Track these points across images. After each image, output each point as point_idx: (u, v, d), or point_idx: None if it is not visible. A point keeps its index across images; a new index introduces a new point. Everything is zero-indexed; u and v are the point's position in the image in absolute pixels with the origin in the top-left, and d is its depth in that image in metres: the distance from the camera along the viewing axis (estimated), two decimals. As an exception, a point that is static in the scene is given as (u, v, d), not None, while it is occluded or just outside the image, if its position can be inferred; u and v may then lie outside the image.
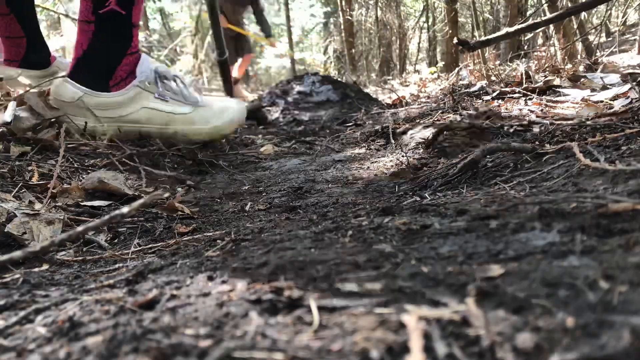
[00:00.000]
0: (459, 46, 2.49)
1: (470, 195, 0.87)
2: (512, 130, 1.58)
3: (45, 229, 0.99)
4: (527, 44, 6.69)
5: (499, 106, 2.01)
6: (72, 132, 1.71)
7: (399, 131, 2.32)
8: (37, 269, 0.82)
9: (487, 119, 1.66)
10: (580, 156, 0.87)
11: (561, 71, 2.95)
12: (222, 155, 2.26)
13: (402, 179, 1.47)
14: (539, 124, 1.53)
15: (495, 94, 2.29)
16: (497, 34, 2.81)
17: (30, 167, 1.40)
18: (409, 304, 0.40)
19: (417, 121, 2.38)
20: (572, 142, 1.00)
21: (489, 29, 7.97)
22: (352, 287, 0.45)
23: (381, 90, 6.61)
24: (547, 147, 1.08)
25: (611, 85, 1.99)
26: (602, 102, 1.69)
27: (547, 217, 0.61)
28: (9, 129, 1.58)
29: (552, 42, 4.52)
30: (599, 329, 0.33)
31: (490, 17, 8.69)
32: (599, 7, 4.31)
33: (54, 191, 1.23)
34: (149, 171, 1.68)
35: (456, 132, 1.51)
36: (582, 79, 2.22)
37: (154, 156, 1.91)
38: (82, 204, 1.25)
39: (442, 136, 1.60)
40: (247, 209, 1.31)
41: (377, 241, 0.63)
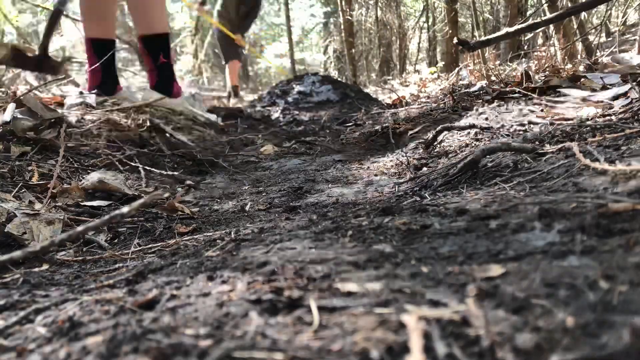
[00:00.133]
0: (459, 46, 2.49)
1: (470, 195, 0.87)
2: (512, 130, 1.58)
3: (45, 229, 0.99)
4: (527, 44, 6.69)
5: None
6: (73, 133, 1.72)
7: (399, 131, 2.33)
8: (37, 269, 0.82)
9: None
10: (580, 156, 0.87)
11: (561, 71, 2.95)
12: (222, 155, 2.26)
13: (402, 179, 1.47)
14: (538, 124, 1.53)
15: (494, 94, 2.29)
16: (497, 34, 2.81)
17: (30, 167, 1.40)
18: (409, 304, 0.40)
19: (417, 121, 2.38)
20: (572, 142, 1.00)
21: (489, 29, 7.96)
22: (352, 287, 0.45)
23: (381, 90, 6.61)
24: (547, 147, 1.08)
25: (611, 85, 1.99)
26: (602, 102, 1.69)
27: (547, 217, 0.61)
28: (9, 129, 1.58)
29: (552, 42, 4.52)
30: (599, 329, 0.33)
31: (490, 17, 8.69)
32: (599, 7, 4.31)
33: (54, 191, 1.23)
34: (148, 171, 1.68)
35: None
36: (582, 79, 2.21)
37: (154, 156, 1.91)
38: (82, 204, 1.25)
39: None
40: (247, 209, 1.31)
41: (377, 241, 0.63)
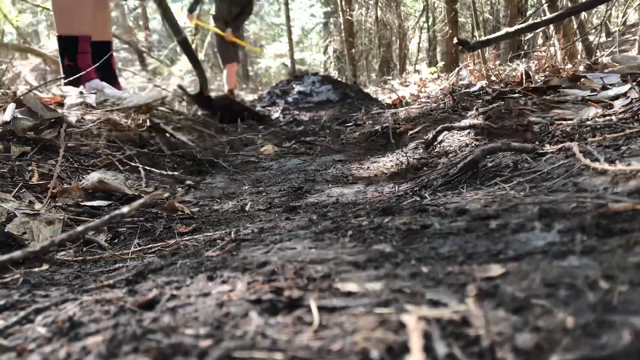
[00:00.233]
0: (459, 46, 2.49)
1: (470, 195, 0.87)
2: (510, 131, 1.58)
3: (45, 229, 0.99)
4: (527, 44, 6.69)
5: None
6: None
7: (399, 131, 2.32)
8: (37, 269, 0.82)
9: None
10: (580, 156, 0.87)
11: (561, 71, 2.95)
12: (222, 155, 2.26)
13: (402, 179, 1.47)
14: (539, 123, 1.53)
15: (494, 94, 2.29)
16: (497, 34, 2.81)
17: (30, 167, 1.40)
18: (409, 304, 0.40)
19: (417, 121, 2.38)
20: (572, 142, 1.00)
21: (489, 29, 7.96)
22: (352, 287, 0.45)
23: (381, 90, 6.61)
24: (547, 147, 1.08)
25: (611, 85, 1.99)
26: (602, 102, 1.69)
27: (547, 217, 0.61)
28: (9, 129, 1.58)
29: (552, 42, 4.52)
30: (599, 329, 0.33)
31: (490, 17, 8.69)
32: (599, 7, 4.31)
33: (54, 191, 1.23)
34: (148, 171, 1.68)
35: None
36: (582, 79, 2.21)
37: (154, 156, 1.91)
38: (82, 204, 1.25)
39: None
40: (247, 209, 1.31)
41: (377, 241, 0.63)
